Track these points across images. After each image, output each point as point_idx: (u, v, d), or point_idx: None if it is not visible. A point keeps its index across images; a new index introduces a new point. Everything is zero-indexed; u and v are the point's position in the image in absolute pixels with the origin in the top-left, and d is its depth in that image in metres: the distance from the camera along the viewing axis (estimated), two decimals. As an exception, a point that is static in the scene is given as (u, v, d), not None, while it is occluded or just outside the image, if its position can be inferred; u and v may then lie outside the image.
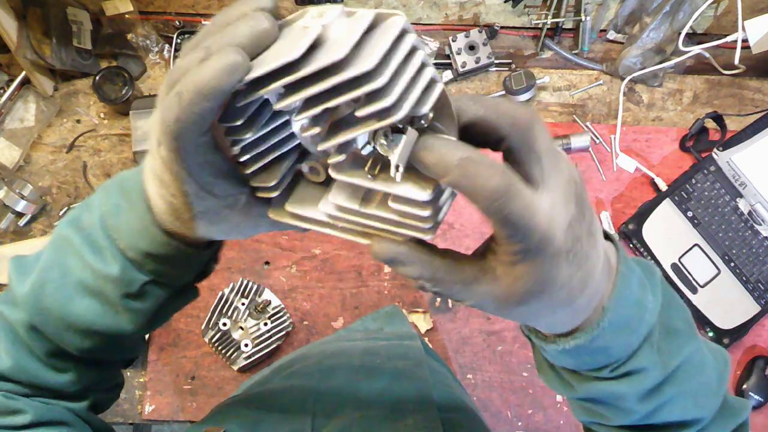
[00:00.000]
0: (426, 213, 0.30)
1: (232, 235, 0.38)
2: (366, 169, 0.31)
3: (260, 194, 0.35)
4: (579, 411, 0.43)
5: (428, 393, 0.58)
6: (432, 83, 0.29)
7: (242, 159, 0.33)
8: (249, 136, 0.32)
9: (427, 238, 0.32)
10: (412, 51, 0.29)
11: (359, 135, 0.29)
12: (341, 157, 0.31)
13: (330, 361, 0.67)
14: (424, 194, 0.29)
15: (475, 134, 0.31)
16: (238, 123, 0.31)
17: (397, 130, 0.29)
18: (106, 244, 0.37)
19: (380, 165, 0.31)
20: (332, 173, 0.32)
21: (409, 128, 0.29)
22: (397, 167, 0.29)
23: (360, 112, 0.28)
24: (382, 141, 0.29)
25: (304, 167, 0.35)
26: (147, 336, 1.05)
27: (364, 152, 0.31)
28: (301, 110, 0.30)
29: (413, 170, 0.30)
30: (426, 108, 0.29)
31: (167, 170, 0.33)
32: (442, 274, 0.32)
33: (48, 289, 0.39)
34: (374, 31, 0.28)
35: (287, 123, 0.34)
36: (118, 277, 0.37)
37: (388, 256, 0.32)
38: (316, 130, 0.31)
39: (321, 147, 0.31)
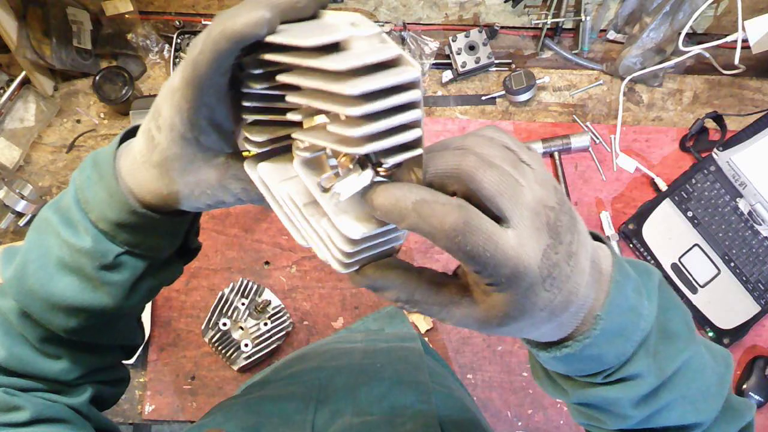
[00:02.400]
0: (348, 249, 0.30)
1: (195, 193, 0.37)
2: (319, 180, 0.31)
3: (244, 148, 0.36)
4: (576, 414, 0.43)
5: (428, 398, 0.57)
6: (414, 144, 0.29)
7: (245, 103, 0.34)
8: (258, 88, 0.32)
9: (340, 270, 0.32)
10: (412, 106, 0.28)
11: (320, 144, 0.29)
12: (307, 155, 0.32)
13: (330, 364, 0.67)
14: (352, 233, 0.29)
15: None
16: (256, 72, 0.32)
17: (364, 164, 0.30)
18: (79, 218, 0.38)
19: (332, 184, 0.31)
20: (294, 163, 0.32)
21: (369, 170, 0.29)
22: (336, 194, 0.29)
23: (329, 127, 0.28)
24: (345, 164, 0.30)
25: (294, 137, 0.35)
26: (147, 336, 1.05)
27: (330, 163, 0.31)
28: (291, 95, 0.30)
29: (361, 205, 0.30)
30: (390, 162, 0.29)
31: (170, 97, 0.33)
32: (420, 297, 0.32)
33: (30, 270, 0.39)
34: (387, 70, 0.28)
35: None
36: (92, 249, 0.38)
37: (365, 284, 0.32)
38: (297, 117, 0.31)
39: (294, 135, 0.31)
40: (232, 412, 0.55)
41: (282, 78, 0.30)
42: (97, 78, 1.09)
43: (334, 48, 0.28)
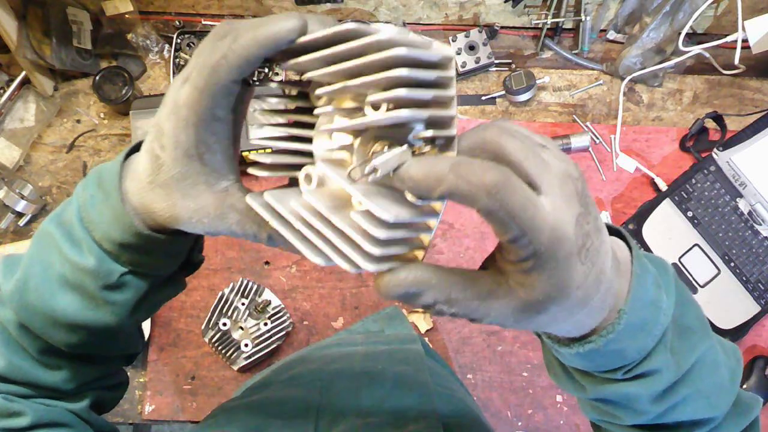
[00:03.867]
0: (381, 234, 0.28)
1: (193, 220, 0.36)
2: (348, 171, 0.30)
3: (252, 170, 0.35)
4: (589, 410, 0.43)
5: (430, 399, 0.57)
6: (448, 121, 0.30)
7: (262, 127, 0.34)
8: (275, 102, 0.33)
9: (365, 266, 0.30)
10: (447, 82, 0.29)
11: (354, 126, 0.29)
12: (334, 145, 0.31)
13: (331, 366, 0.67)
14: (388, 214, 0.28)
15: None
16: (275, 82, 0.33)
17: (392, 147, 0.29)
18: (82, 236, 0.37)
19: (361, 176, 0.30)
20: (320, 165, 0.31)
21: (406, 146, 0.29)
22: (374, 169, 0.28)
23: (370, 114, 0.28)
24: (378, 151, 0.29)
25: (301, 173, 0.34)
26: (147, 337, 1.05)
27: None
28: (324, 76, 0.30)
29: (392, 195, 0.30)
30: (430, 132, 0.29)
31: (175, 113, 0.32)
32: (457, 294, 0.30)
33: (31, 285, 0.39)
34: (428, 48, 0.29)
35: (308, 125, 0.34)
36: (95, 269, 0.37)
37: (400, 291, 0.30)
38: (328, 108, 0.31)
39: (322, 127, 0.31)
40: (234, 415, 0.55)
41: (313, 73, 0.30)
42: (97, 78, 1.09)
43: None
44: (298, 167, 0.33)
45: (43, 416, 0.42)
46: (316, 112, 0.32)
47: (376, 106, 0.29)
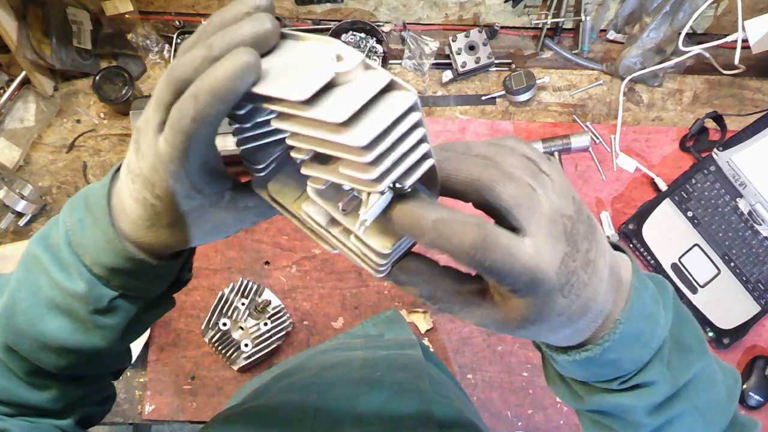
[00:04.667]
0: (381, 262, 0.32)
1: (214, 236, 0.37)
2: (340, 205, 0.32)
3: (247, 176, 0.36)
4: (588, 424, 0.43)
5: (428, 408, 0.57)
6: (424, 158, 0.30)
7: (240, 144, 0.34)
8: (248, 125, 0.33)
9: (376, 276, 0.33)
10: (414, 127, 0.29)
11: (338, 181, 0.30)
12: (321, 186, 0.32)
13: (329, 373, 0.66)
14: (383, 249, 0.31)
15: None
16: (242, 112, 0.33)
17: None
18: (71, 261, 0.36)
19: (352, 206, 0.32)
20: (310, 193, 0.33)
21: (387, 192, 0.30)
22: (363, 222, 0.30)
23: (342, 170, 0.29)
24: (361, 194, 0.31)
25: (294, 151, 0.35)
26: (147, 337, 1.05)
27: (345, 188, 0.32)
28: (292, 137, 0.31)
29: (382, 221, 0.31)
30: (409, 182, 0.30)
31: (164, 167, 0.32)
32: (441, 294, 0.33)
33: (19, 309, 0.38)
34: (383, 99, 0.28)
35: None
36: (85, 293, 0.37)
37: (391, 279, 0.33)
38: (303, 155, 0.32)
39: (303, 171, 0.32)
40: (231, 423, 0.55)
41: (279, 124, 0.30)
42: (97, 78, 1.09)
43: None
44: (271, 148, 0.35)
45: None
46: (304, 171, 0.32)
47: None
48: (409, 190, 0.30)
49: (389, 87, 0.28)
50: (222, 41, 0.29)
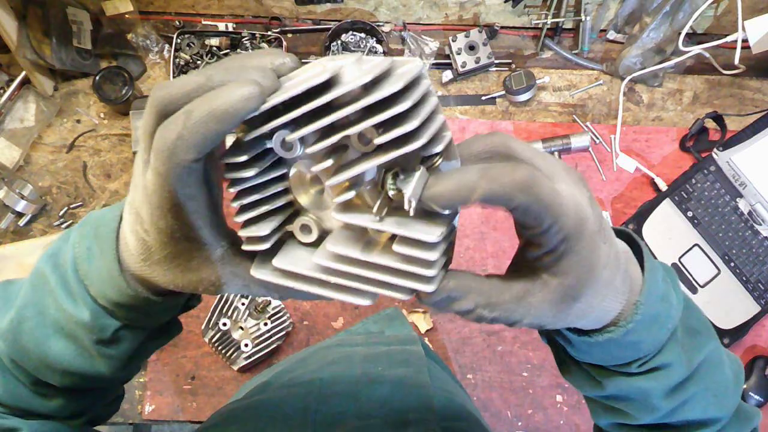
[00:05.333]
0: (433, 256, 0.29)
1: (199, 289, 0.35)
2: (374, 210, 0.30)
3: (247, 246, 0.33)
4: (600, 411, 0.44)
5: (429, 402, 0.57)
6: (443, 127, 0.30)
7: (237, 203, 0.32)
8: (251, 175, 0.30)
9: (428, 289, 0.30)
10: (427, 95, 0.29)
11: (378, 164, 0.28)
12: (350, 194, 0.30)
13: (331, 368, 0.67)
14: (432, 236, 0.29)
15: None
16: (243, 159, 0.30)
17: (404, 172, 0.30)
18: (77, 289, 0.36)
19: (386, 210, 0.30)
20: (337, 214, 0.31)
21: (421, 167, 0.29)
22: (410, 201, 0.28)
23: (381, 139, 0.27)
24: (391, 182, 0.29)
25: (296, 226, 0.33)
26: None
27: (367, 178, 0.30)
28: (318, 141, 0.29)
29: (419, 216, 0.30)
30: (440, 146, 0.29)
31: (147, 201, 0.31)
32: (496, 297, 0.32)
33: (25, 327, 0.38)
34: (390, 75, 0.28)
35: (283, 177, 0.33)
36: (90, 323, 0.36)
37: (443, 295, 0.31)
38: (328, 162, 0.29)
39: (332, 181, 0.29)
40: (234, 417, 0.55)
41: (306, 129, 0.28)
42: (97, 78, 1.09)
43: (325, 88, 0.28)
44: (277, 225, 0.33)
45: (38, 429, 0.41)
46: (315, 168, 0.30)
47: (365, 141, 0.29)
48: (439, 161, 0.30)
49: (394, 66, 0.29)
50: (225, 74, 0.28)
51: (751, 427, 0.42)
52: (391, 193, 0.30)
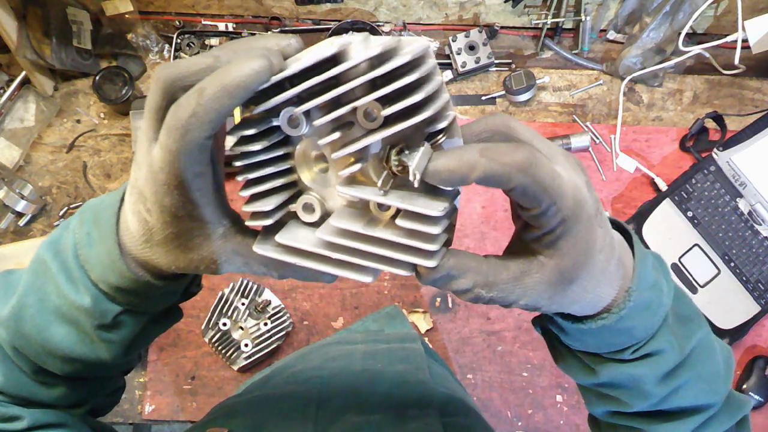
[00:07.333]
0: (436, 230, 0.30)
1: (200, 268, 0.35)
2: (379, 184, 0.30)
3: (251, 222, 0.33)
4: (594, 400, 0.44)
5: (430, 397, 0.58)
6: (447, 105, 0.30)
7: (243, 177, 0.32)
8: (258, 149, 0.31)
9: (429, 264, 0.31)
10: (433, 72, 0.29)
11: (384, 137, 0.29)
12: (356, 167, 0.30)
13: (331, 364, 0.67)
14: (435, 210, 0.29)
15: None
16: (251, 132, 0.30)
17: (409, 148, 0.30)
18: (78, 275, 0.36)
19: (390, 184, 0.31)
20: (342, 188, 0.31)
21: (425, 143, 0.29)
22: (414, 174, 0.28)
23: (387, 110, 0.28)
24: (395, 157, 0.30)
25: (299, 205, 0.34)
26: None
27: (373, 150, 0.31)
28: (324, 116, 0.30)
29: (422, 191, 0.30)
30: (444, 123, 0.29)
31: (153, 178, 0.31)
32: (494, 276, 0.32)
33: (26, 314, 0.38)
34: (397, 53, 0.29)
35: (288, 156, 0.33)
36: (91, 308, 0.36)
37: (442, 272, 0.31)
38: (335, 135, 0.30)
39: (339, 153, 0.30)
40: (235, 412, 0.55)
41: (318, 100, 0.29)
42: (97, 78, 1.09)
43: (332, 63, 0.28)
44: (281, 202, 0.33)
45: (40, 418, 0.42)
46: (322, 142, 0.31)
47: (371, 117, 0.29)
48: (443, 139, 0.30)
49: (401, 44, 0.30)
50: (233, 55, 0.28)
51: (741, 414, 0.42)
52: (395, 168, 0.30)
